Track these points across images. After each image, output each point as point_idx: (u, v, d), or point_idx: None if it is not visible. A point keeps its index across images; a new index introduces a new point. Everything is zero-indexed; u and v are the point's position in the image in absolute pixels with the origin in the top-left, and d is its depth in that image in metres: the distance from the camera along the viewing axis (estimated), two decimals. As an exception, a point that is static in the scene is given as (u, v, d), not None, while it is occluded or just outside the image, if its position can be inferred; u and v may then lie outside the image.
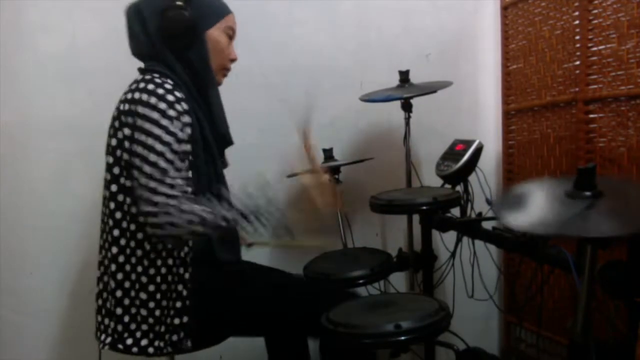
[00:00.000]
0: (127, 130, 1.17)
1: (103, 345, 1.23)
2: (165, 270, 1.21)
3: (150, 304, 1.20)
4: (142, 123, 1.14)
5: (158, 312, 1.21)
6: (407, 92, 1.84)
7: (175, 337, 1.21)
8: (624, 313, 1.25)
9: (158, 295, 1.21)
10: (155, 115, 1.13)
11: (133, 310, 1.21)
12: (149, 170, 1.11)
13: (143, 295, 1.20)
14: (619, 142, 1.70)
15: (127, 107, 1.17)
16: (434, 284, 1.87)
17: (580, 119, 1.83)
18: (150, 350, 1.20)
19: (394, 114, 1.98)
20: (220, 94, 1.34)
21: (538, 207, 1.10)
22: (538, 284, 1.75)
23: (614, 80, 1.70)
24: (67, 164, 1.79)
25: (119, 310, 1.21)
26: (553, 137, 1.99)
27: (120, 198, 1.20)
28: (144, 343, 1.20)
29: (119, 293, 1.21)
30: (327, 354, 1.33)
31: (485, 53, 2.31)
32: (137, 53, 1.29)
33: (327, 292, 1.42)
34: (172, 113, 1.14)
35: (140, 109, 1.14)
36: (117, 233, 1.21)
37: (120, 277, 1.21)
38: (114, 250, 1.21)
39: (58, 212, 1.80)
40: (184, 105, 1.17)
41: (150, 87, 1.16)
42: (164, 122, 1.13)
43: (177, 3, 1.21)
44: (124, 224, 1.20)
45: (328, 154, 1.88)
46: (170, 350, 1.21)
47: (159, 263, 1.21)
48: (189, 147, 1.18)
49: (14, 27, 1.73)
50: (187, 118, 1.17)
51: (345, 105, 2.05)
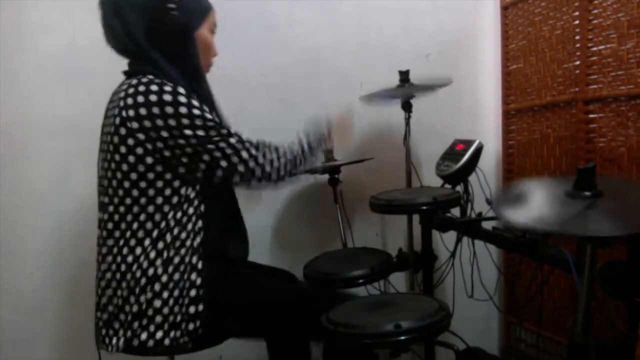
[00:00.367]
0: (142, 135, 1.16)
1: (117, 348, 1.21)
2: (179, 260, 1.21)
3: (164, 294, 1.20)
4: (174, 122, 1.15)
5: (172, 301, 1.20)
6: (407, 92, 1.84)
7: (192, 325, 1.20)
8: (624, 313, 1.25)
9: (171, 285, 1.20)
10: (184, 110, 1.16)
11: (146, 304, 1.20)
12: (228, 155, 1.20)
13: (157, 287, 1.20)
14: (619, 142, 1.70)
15: (132, 112, 1.16)
16: (434, 284, 1.86)
17: (580, 119, 1.83)
18: (167, 342, 1.19)
19: (394, 114, 1.98)
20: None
21: (538, 206, 1.10)
22: (538, 284, 1.76)
23: (614, 80, 1.70)
24: (67, 164, 1.79)
25: (134, 307, 1.20)
26: (553, 137, 1.99)
27: (135, 193, 1.20)
28: (160, 335, 1.19)
29: (130, 288, 1.20)
30: (330, 358, 1.33)
31: (485, 53, 2.31)
32: (118, 49, 1.27)
33: (329, 296, 1.41)
34: (194, 102, 1.18)
35: (156, 110, 1.15)
36: (129, 235, 1.21)
37: (125, 268, 1.20)
38: (120, 243, 1.21)
39: (58, 212, 1.80)
40: (189, 93, 1.19)
41: (154, 87, 1.16)
42: (196, 111, 1.17)
43: (168, 4, 1.21)
44: (129, 217, 1.21)
45: (328, 154, 1.88)
46: (187, 340, 1.20)
47: (171, 253, 1.21)
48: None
49: (14, 27, 1.73)
50: (197, 102, 1.19)
51: (345, 105, 2.05)
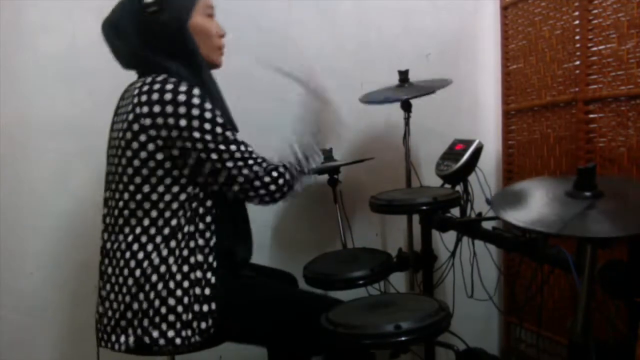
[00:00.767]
0: (153, 132, 1.16)
1: (126, 347, 1.20)
2: (194, 259, 1.21)
3: (178, 292, 1.20)
4: (185, 123, 1.15)
5: (186, 300, 1.20)
6: (406, 92, 1.84)
7: (204, 324, 1.20)
8: (624, 313, 1.25)
9: (186, 284, 1.20)
10: (196, 112, 1.15)
11: (159, 301, 1.19)
12: (238, 155, 1.20)
13: (171, 284, 1.19)
14: (619, 142, 1.70)
15: (145, 109, 1.16)
16: (434, 284, 1.86)
17: (580, 119, 1.83)
18: (178, 341, 1.19)
19: (394, 114, 1.98)
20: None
21: (538, 206, 1.10)
22: (538, 284, 1.76)
23: (614, 80, 1.70)
24: (67, 164, 1.79)
25: (143, 304, 1.19)
26: (553, 137, 1.99)
27: (146, 189, 1.19)
28: (171, 334, 1.19)
29: (139, 285, 1.19)
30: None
31: (485, 53, 2.31)
32: (130, 67, 1.29)
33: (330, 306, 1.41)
34: (207, 105, 1.18)
35: (170, 109, 1.14)
36: (139, 231, 1.21)
37: (134, 264, 1.20)
38: (129, 239, 1.21)
39: (58, 212, 1.80)
40: (204, 94, 1.19)
41: (169, 86, 1.16)
42: (208, 114, 1.17)
43: (150, 9, 1.20)
44: (147, 221, 1.20)
45: (328, 154, 1.88)
46: (198, 339, 1.20)
47: (185, 252, 1.21)
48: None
49: (14, 27, 1.73)
50: (209, 104, 1.19)
51: (345, 105, 2.04)
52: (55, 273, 1.81)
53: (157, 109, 1.15)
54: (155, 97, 1.15)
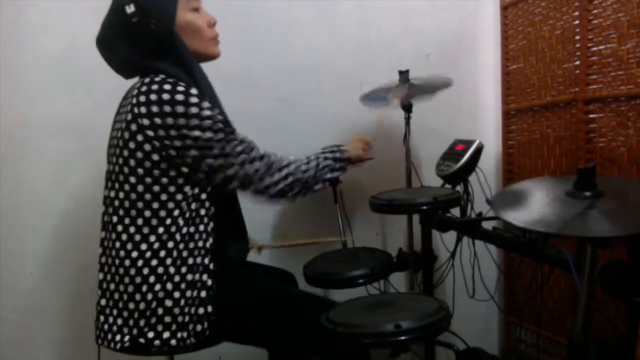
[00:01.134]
0: (151, 132, 1.16)
1: (121, 346, 1.21)
2: (192, 261, 1.22)
3: (176, 294, 1.19)
4: (184, 121, 1.15)
5: (183, 302, 1.20)
6: (406, 93, 1.84)
7: (200, 327, 1.20)
8: (624, 313, 1.25)
9: (183, 285, 1.20)
10: (194, 110, 1.15)
11: (156, 302, 1.19)
12: (233, 160, 1.20)
13: (169, 286, 1.19)
14: (619, 142, 1.70)
15: (143, 109, 1.16)
16: (434, 284, 1.86)
17: (580, 119, 1.83)
18: (173, 343, 1.19)
19: (394, 114, 1.98)
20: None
21: (538, 206, 1.10)
22: (538, 284, 1.76)
23: (614, 80, 1.70)
24: (67, 164, 1.79)
25: (140, 304, 1.19)
26: (553, 137, 1.99)
27: (140, 189, 1.19)
28: (167, 335, 1.19)
29: (136, 284, 1.19)
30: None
31: (485, 53, 2.31)
32: (130, 76, 1.31)
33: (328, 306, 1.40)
34: (205, 104, 1.17)
35: (168, 108, 1.14)
36: (132, 230, 1.21)
37: (129, 264, 1.20)
38: (129, 247, 1.20)
39: (58, 212, 1.80)
40: (201, 94, 1.19)
41: (167, 86, 1.16)
42: (206, 112, 1.17)
43: (134, 20, 1.20)
44: (140, 221, 1.20)
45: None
46: (194, 342, 1.20)
47: (185, 254, 1.21)
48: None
49: (14, 27, 1.73)
50: (207, 103, 1.19)
51: (345, 105, 2.05)
52: (55, 273, 1.81)
53: (155, 109, 1.15)
54: (154, 97, 1.15)
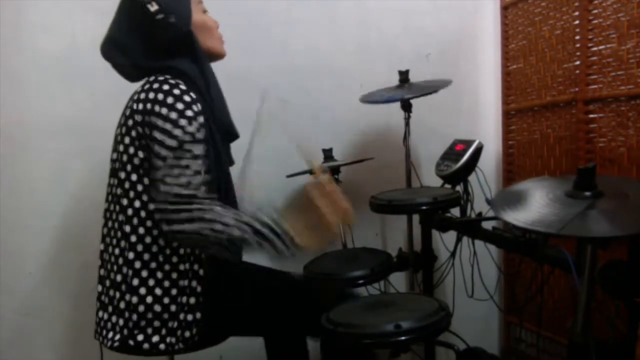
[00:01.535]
0: (140, 129, 1.17)
1: (112, 344, 1.21)
2: (183, 267, 1.21)
3: (165, 300, 1.20)
4: (162, 123, 1.13)
5: (173, 307, 1.20)
6: (407, 92, 1.84)
7: (188, 333, 1.20)
8: (624, 313, 1.25)
9: (174, 291, 1.20)
10: (174, 116, 1.13)
11: (145, 307, 1.19)
12: (165, 170, 1.11)
13: (158, 291, 1.20)
14: (619, 142, 1.70)
15: (140, 106, 1.16)
16: (434, 284, 1.86)
17: (580, 119, 1.83)
18: (162, 347, 1.19)
19: (394, 114, 1.98)
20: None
21: (538, 206, 1.10)
22: (538, 284, 1.75)
23: (614, 80, 1.70)
24: (67, 164, 1.79)
25: (131, 307, 1.19)
26: (553, 137, 1.99)
27: (132, 195, 1.19)
28: (156, 339, 1.19)
29: (128, 284, 1.19)
30: (328, 354, 1.33)
31: (485, 53, 2.31)
32: (137, 80, 1.29)
33: (327, 291, 1.42)
34: (189, 113, 1.14)
35: (157, 108, 1.14)
36: (128, 229, 1.20)
37: (131, 273, 1.20)
38: (124, 245, 1.21)
39: (58, 212, 1.80)
40: (199, 106, 1.17)
41: (166, 87, 1.16)
42: (182, 122, 1.13)
43: (158, 17, 1.19)
44: (135, 221, 1.20)
45: (328, 154, 1.88)
46: (182, 347, 1.20)
47: (174, 259, 1.21)
48: (204, 148, 1.16)
49: (14, 27, 1.73)
50: (202, 119, 1.17)
51: (345, 105, 2.05)
52: (55, 273, 1.81)
53: (148, 107, 1.15)
54: (151, 95, 1.16)
